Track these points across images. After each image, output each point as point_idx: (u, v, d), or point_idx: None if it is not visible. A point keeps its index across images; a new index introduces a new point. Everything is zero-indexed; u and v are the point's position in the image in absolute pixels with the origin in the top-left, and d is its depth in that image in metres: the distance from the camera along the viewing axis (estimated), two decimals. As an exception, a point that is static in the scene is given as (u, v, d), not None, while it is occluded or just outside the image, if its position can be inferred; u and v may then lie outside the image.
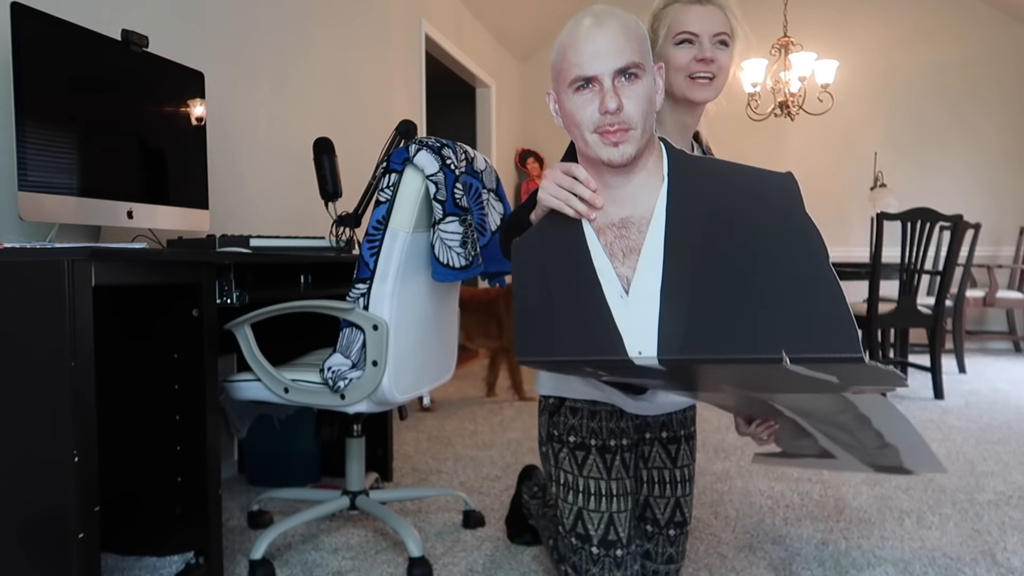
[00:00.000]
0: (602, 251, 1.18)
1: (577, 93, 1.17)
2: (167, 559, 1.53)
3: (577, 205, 1.17)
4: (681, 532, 1.55)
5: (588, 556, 1.44)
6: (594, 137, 1.17)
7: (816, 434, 1.56)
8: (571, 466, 1.47)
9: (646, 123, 1.17)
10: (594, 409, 1.48)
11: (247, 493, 2.26)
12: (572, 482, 1.47)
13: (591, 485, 1.46)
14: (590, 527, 1.45)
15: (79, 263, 1.18)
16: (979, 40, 5.61)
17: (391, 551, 1.80)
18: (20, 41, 1.47)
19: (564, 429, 1.49)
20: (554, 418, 1.51)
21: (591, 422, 1.48)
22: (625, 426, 1.50)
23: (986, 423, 3.12)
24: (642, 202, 1.18)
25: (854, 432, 1.49)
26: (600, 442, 1.47)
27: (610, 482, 1.46)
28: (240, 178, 2.56)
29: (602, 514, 1.45)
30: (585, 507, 1.45)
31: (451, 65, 5.01)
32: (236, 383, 1.69)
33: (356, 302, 1.56)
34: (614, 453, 1.47)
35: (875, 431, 1.48)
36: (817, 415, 1.45)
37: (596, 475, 1.46)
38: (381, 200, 1.56)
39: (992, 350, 5.57)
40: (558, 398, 1.51)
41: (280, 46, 2.81)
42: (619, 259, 1.17)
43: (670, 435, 1.57)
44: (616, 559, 1.43)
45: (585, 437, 1.47)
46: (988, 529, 1.92)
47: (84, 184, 1.63)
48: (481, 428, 3.08)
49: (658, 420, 1.57)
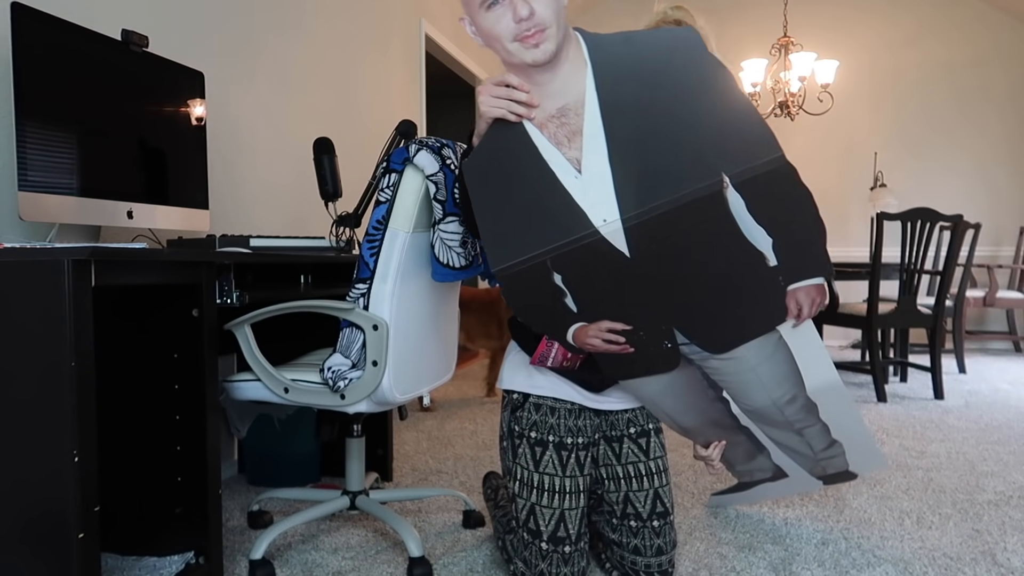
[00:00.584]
0: (547, 142, 1.30)
1: (489, 11, 1.28)
2: (167, 559, 1.53)
3: (516, 108, 1.28)
4: (665, 522, 1.57)
5: (538, 551, 1.50)
6: (515, 45, 1.27)
7: (769, 445, 1.62)
8: (527, 461, 1.53)
9: (558, 19, 1.28)
10: (555, 406, 1.54)
11: (247, 493, 2.26)
12: (527, 478, 1.53)
13: (545, 481, 1.51)
14: (541, 523, 1.50)
15: (79, 263, 1.18)
16: (979, 40, 5.61)
17: (391, 551, 1.80)
18: (20, 41, 1.47)
19: (526, 425, 1.55)
20: (516, 413, 1.57)
21: (551, 418, 1.54)
22: (583, 425, 1.56)
23: (986, 423, 3.12)
24: (573, 89, 1.30)
25: (803, 431, 1.56)
26: (558, 439, 1.53)
27: (564, 479, 1.51)
28: (240, 178, 2.56)
29: (554, 511, 1.50)
30: (538, 503, 1.51)
31: (451, 65, 5.01)
32: (236, 383, 1.69)
33: (356, 302, 1.56)
34: (570, 451, 1.53)
35: (822, 424, 1.55)
36: (768, 414, 1.52)
37: (551, 471, 1.51)
38: (381, 200, 1.56)
39: (992, 350, 5.57)
40: (522, 394, 1.56)
41: (280, 46, 2.81)
42: (565, 145, 1.29)
43: (638, 430, 1.61)
44: (564, 555, 1.50)
45: (544, 433, 1.53)
46: (988, 529, 1.92)
47: (84, 184, 1.63)
48: (481, 428, 3.08)
49: (624, 417, 1.61)
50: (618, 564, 1.59)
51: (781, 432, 1.58)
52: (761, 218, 1.31)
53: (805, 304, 1.37)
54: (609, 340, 1.38)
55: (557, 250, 1.32)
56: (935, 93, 5.68)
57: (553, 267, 1.33)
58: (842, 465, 1.67)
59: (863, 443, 1.62)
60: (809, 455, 1.64)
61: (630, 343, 1.39)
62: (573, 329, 1.39)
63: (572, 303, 1.36)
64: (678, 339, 1.40)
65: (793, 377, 1.47)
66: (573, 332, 1.40)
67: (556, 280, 1.34)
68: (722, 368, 1.45)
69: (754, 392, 1.48)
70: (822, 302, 1.38)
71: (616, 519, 1.59)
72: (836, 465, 1.67)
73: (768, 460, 1.69)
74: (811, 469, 1.69)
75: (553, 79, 1.31)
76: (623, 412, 1.61)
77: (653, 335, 1.39)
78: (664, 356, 1.42)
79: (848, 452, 1.64)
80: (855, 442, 1.61)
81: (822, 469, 1.68)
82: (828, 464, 1.67)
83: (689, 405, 1.52)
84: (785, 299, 1.37)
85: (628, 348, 1.40)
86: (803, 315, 1.38)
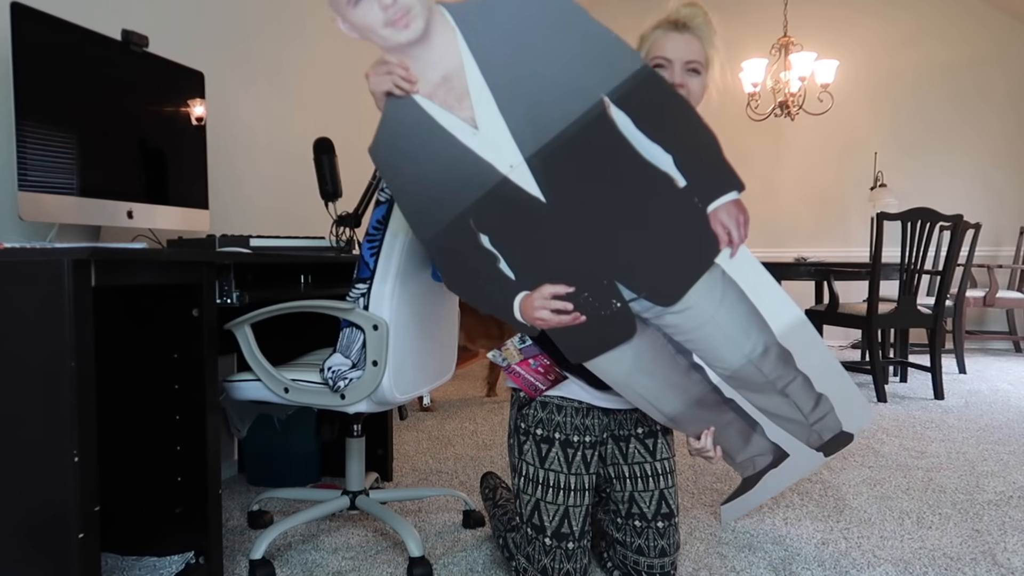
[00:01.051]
0: (440, 109, 1.39)
1: (357, 7, 1.38)
2: (167, 559, 1.53)
3: (400, 82, 1.37)
4: (669, 524, 1.58)
5: (541, 546, 1.52)
6: (388, 30, 1.38)
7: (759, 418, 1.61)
8: (533, 458, 1.55)
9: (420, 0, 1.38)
10: (562, 404, 1.56)
11: (247, 493, 2.26)
12: (533, 474, 1.54)
13: (551, 477, 1.53)
14: (545, 518, 1.52)
15: (79, 263, 1.18)
16: (979, 40, 5.61)
17: (391, 551, 1.80)
18: (20, 41, 1.47)
19: (532, 422, 1.56)
20: (523, 411, 1.58)
21: (558, 416, 1.56)
22: (591, 424, 1.57)
23: (986, 423, 3.12)
24: (450, 56, 1.39)
25: (787, 389, 1.57)
26: (564, 436, 1.55)
27: (569, 476, 1.53)
28: (240, 178, 2.56)
29: (558, 507, 1.52)
30: (543, 499, 1.53)
31: (451, 65, 5.00)
32: (236, 383, 1.69)
33: (356, 302, 1.56)
34: (576, 448, 1.55)
35: (803, 377, 1.56)
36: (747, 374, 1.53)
37: (556, 468, 1.53)
38: (381, 200, 1.56)
39: (992, 350, 5.57)
40: None
41: (280, 46, 2.81)
42: (457, 107, 1.38)
43: (646, 430, 1.62)
44: (567, 551, 1.51)
45: (550, 431, 1.55)
46: (988, 529, 1.92)
47: (84, 184, 1.63)
48: (481, 428, 3.08)
49: (633, 417, 1.62)
50: (620, 563, 1.60)
51: (767, 397, 1.58)
52: (650, 132, 1.37)
53: (731, 225, 1.39)
54: (557, 309, 1.40)
55: (476, 208, 1.38)
56: (935, 93, 5.68)
57: (477, 228, 1.39)
58: (835, 426, 1.67)
59: (846, 392, 1.62)
60: (801, 421, 1.64)
61: (579, 309, 1.40)
62: (518, 301, 1.41)
63: (507, 268, 1.40)
64: (625, 296, 1.42)
65: (756, 321, 1.47)
66: (519, 305, 1.42)
67: (484, 243, 1.39)
68: (681, 325, 1.45)
69: (723, 350, 1.48)
70: (747, 219, 1.40)
71: (620, 518, 1.59)
72: (829, 427, 1.67)
73: (764, 439, 1.67)
74: (808, 439, 1.68)
75: (430, 51, 1.40)
76: (632, 412, 1.61)
77: (598, 294, 1.41)
78: (618, 321, 1.42)
79: (837, 408, 1.64)
80: (839, 393, 1.62)
81: (818, 436, 1.67)
82: (822, 427, 1.66)
83: (665, 382, 1.50)
84: (711, 224, 1.40)
85: (580, 317, 1.41)
86: (734, 238, 1.40)
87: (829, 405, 1.63)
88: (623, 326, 1.44)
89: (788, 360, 1.52)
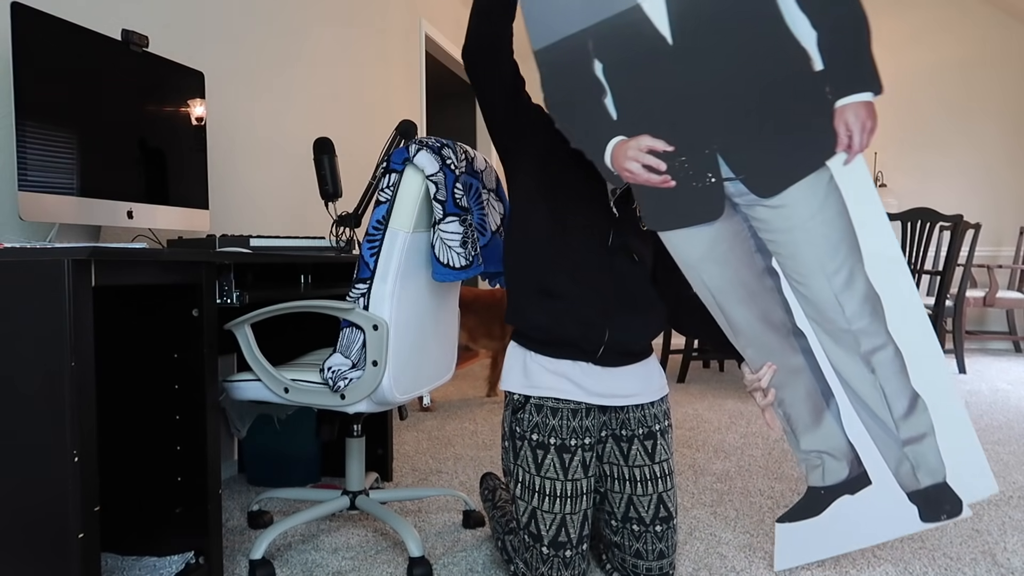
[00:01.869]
0: None
1: None
2: (167, 559, 1.53)
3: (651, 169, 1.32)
4: (668, 527, 1.56)
5: (539, 555, 1.50)
6: None
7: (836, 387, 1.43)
8: (529, 464, 1.52)
9: None
10: (557, 407, 1.52)
11: (247, 493, 2.26)
12: (529, 481, 1.51)
13: (547, 485, 1.50)
14: (542, 527, 1.49)
15: (79, 263, 1.18)
16: (980, 40, 5.62)
17: (391, 551, 1.80)
18: (20, 41, 1.47)
19: (527, 427, 1.53)
20: (518, 415, 1.55)
21: (553, 420, 1.52)
22: (589, 425, 1.54)
23: (986, 423, 3.12)
24: None
25: (873, 359, 1.39)
26: (559, 441, 1.51)
27: (566, 483, 1.50)
28: (240, 178, 2.57)
29: (555, 515, 1.49)
30: (540, 507, 1.50)
31: (451, 65, 5.01)
32: (236, 383, 1.69)
33: (356, 302, 1.56)
34: (572, 452, 1.51)
35: (895, 351, 1.39)
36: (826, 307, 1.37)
37: (552, 475, 1.50)
38: (381, 200, 1.56)
39: (992, 350, 5.57)
40: (523, 395, 1.55)
41: (280, 46, 2.81)
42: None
43: (646, 431, 1.59)
44: (565, 559, 1.49)
45: (545, 436, 1.51)
46: (988, 529, 1.92)
47: (84, 184, 1.63)
48: (481, 428, 3.08)
49: (634, 416, 1.59)
50: (619, 566, 1.59)
51: (847, 356, 1.39)
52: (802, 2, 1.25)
53: (856, 128, 1.28)
54: (649, 165, 1.31)
55: (599, 29, 1.29)
56: (935, 93, 5.68)
57: (594, 52, 1.30)
58: (936, 467, 1.40)
59: (957, 424, 1.38)
60: (889, 425, 1.42)
61: (671, 173, 1.31)
62: (612, 145, 1.32)
63: (611, 106, 1.31)
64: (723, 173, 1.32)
65: (848, 242, 1.33)
66: (612, 149, 1.32)
67: (597, 71, 1.31)
68: (771, 221, 1.33)
69: (807, 260, 1.35)
70: (873, 127, 1.28)
71: (617, 521, 1.58)
72: (928, 463, 1.42)
73: (839, 428, 1.45)
74: (897, 466, 1.44)
75: None
76: (633, 411, 1.58)
77: (696, 162, 1.31)
78: (708, 197, 1.33)
79: (941, 441, 1.39)
80: (945, 415, 1.38)
81: (911, 471, 1.44)
82: (917, 455, 1.42)
83: (735, 277, 1.38)
84: (834, 121, 1.28)
85: (669, 181, 1.31)
86: (854, 144, 1.29)
87: (929, 424, 1.40)
88: (711, 204, 1.33)
89: (877, 310, 1.36)
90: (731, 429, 3.01)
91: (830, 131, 1.29)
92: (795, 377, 1.46)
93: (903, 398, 1.42)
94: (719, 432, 2.97)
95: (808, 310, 1.39)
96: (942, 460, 1.44)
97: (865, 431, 1.46)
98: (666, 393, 1.65)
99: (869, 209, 1.32)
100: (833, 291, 1.37)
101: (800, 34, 1.26)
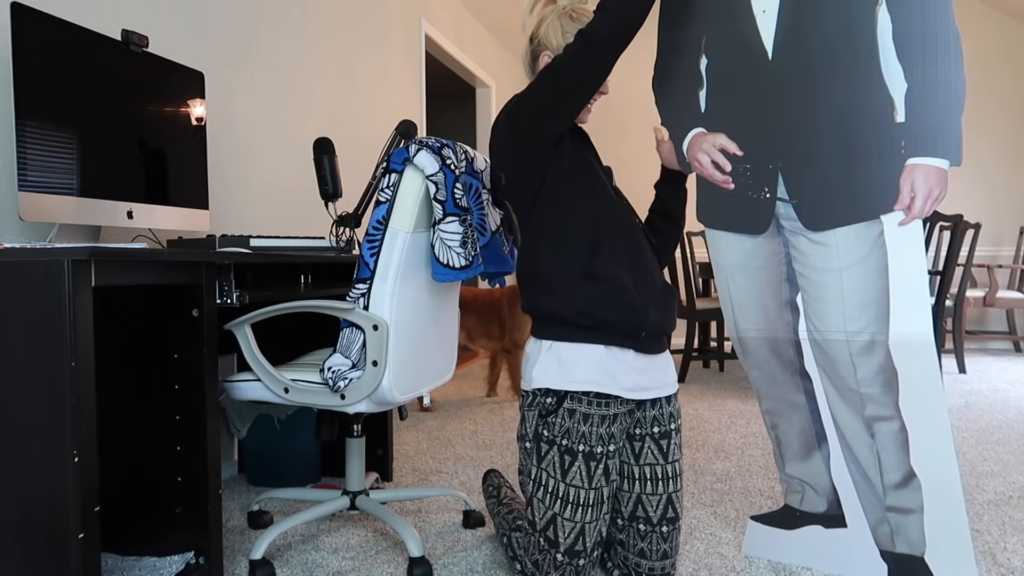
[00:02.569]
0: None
1: None
2: (167, 559, 1.53)
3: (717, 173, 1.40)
4: (674, 528, 1.56)
5: (551, 560, 1.48)
6: None
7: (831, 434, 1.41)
8: (555, 470, 1.49)
9: None
10: (589, 412, 1.48)
11: (247, 493, 2.26)
12: (553, 486, 1.49)
13: (571, 493, 1.47)
14: (560, 534, 1.48)
15: (79, 263, 1.18)
16: (980, 40, 5.61)
17: (391, 551, 1.80)
18: (20, 41, 1.47)
19: (558, 432, 1.49)
20: (548, 419, 1.50)
21: (584, 426, 1.48)
22: (616, 432, 1.52)
23: (986, 423, 3.12)
24: None
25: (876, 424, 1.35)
26: (588, 448, 1.48)
27: (589, 491, 1.48)
28: (240, 178, 2.57)
29: (575, 524, 1.47)
30: (561, 514, 1.48)
31: (451, 65, 5.01)
32: (236, 383, 1.69)
33: (356, 302, 1.56)
34: (599, 460, 1.49)
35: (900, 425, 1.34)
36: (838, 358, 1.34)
37: (578, 483, 1.47)
38: (381, 200, 1.56)
39: (992, 350, 5.57)
40: (556, 398, 1.50)
41: (280, 46, 2.81)
42: None
43: (662, 430, 1.58)
44: (577, 568, 1.48)
45: (575, 442, 1.48)
46: (988, 529, 1.92)
47: (84, 184, 1.63)
48: (481, 428, 3.08)
49: (649, 415, 1.57)
50: (621, 564, 1.59)
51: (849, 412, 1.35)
52: (902, 52, 1.25)
53: (920, 192, 1.25)
54: (716, 162, 1.38)
55: (714, 29, 1.41)
56: (935, 93, 5.68)
57: (705, 48, 1.41)
58: (916, 541, 1.34)
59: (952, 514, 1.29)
60: (877, 486, 1.36)
61: (733, 177, 1.38)
62: (693, 133, 1.42)
63: (703, 99, 1.42)
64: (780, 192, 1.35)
65: (879, 308, 1.29)
66: (692, 137, 1.42)
67: (701, 66, 1.42)
68: (809, 255, 1.33)
69: (829, 309, 1.33)
70: (940, 196, 1.24)
71: (623, 520, 1.57)
72: (908, 535, 1.36)
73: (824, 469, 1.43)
74: (875, 522, 1.39)
75: None
76: (649, 409, 1.56)
77: (758, 174, 1.37)
78: (759, 210, 1.37)
79: (928, 519, 1.30)
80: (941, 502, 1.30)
81: (888, 533, 1.40)
82: (898, 522, 1.37)
83: (758, 296, 1.40)
84: (900, 177, 1.26)
85: (729, 183, 1.38)
86: (915, 207, 1.25)
87: (919, 504, 1.33)
88: (760, 218, 1.36)
89: (891, 383, 1.31)
90: (731, 429, 3.01)
91: (894, 186, 1.27)
92: (793, 412, 1.45)
93: (898, 472, 1.37)
94: (719, 432, 2.97)
95: (820, 358, 1.37)
96: (924, 538, 1.38)
97: (851, 483, 1.43)
98: (677, 389, 1.64)
99: (911, 280, 1.27)
100: (849, 351, 1.33)
101: (891, 81, 1.27)
